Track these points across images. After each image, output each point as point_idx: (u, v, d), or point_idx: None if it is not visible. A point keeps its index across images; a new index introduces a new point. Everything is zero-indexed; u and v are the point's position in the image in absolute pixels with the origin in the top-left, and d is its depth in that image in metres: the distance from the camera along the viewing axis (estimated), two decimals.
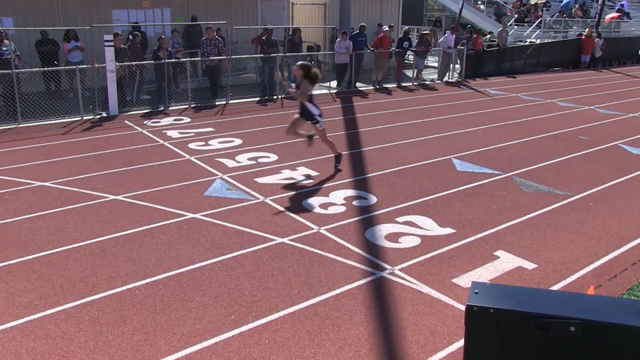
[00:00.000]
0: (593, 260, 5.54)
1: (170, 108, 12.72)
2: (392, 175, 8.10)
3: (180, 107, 12.89)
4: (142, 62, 13.02)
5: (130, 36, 13.32)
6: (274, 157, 8.91)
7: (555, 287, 4.99)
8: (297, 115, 8.17)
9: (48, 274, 5.06)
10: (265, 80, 14.54)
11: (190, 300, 4.66)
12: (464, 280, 5.06)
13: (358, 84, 16.44)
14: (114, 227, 6.10)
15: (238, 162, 8.59)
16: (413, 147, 9.68)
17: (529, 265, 5.38)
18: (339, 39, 15.61)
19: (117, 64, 11.72)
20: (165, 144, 9.62)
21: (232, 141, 9.87)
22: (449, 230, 6.18)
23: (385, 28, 17.49)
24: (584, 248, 5.82)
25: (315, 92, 8.21)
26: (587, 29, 23.52)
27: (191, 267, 5.24)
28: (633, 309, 2.88)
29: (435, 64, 20.37)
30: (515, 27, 25.00)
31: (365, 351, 4.04)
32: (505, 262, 5.43)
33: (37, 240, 5.75)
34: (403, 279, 5.10)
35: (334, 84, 15.91)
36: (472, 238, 5.99)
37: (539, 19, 26.02)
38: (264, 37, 14.69)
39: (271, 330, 4.26)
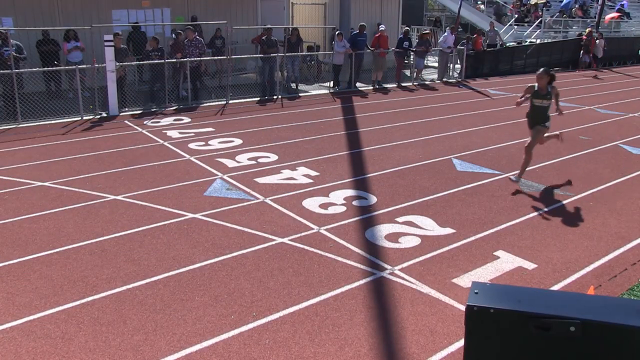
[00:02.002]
0: (593, 260, 5.54)
1: (170, 108, 12.71)
2: (392, 175, 8.10)
3: (180, 107, 12.88)
4: (142, 62, 13.01)
5: (173, 34, 13.30)
6: (274, 157, 8.90)
7: (555, 287, 4.99)
8: None
9: (48, 274, 5.06)
10: (265, 80, 14.54)
11: (190, 300, 4.66)
12: (464, 280, 5.06)
13: (358, 84, 16.43)
14: (114, 227, 6.10)
15: (238, 162, 8.59)
16: (413, 147, 9.68)
17: (529, 265, 5.38)
18: (335, 40, 15.61)
19: (117, 64, 11.72)
20: (165, 144, 9.62)
21: (232, 141, 9.87)
22: (449, 230, 6.18)
23: (382, 27, 17.47)
24: (584, 248, 5.82)
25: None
26: (587, 29, 23.53)
27: (191, 267, 5.24)
28: (633, 309, 2.88)
29: (435, 64, 20.36)
30: (515, 27, 25.00)
31: (366, 351, 4.04)
32: (505, 262, 5.43)
33: (37, 240, 5.75)
34: (403, 279, 5.10)
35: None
36: (472, 238, 5.99)
37: (539, 19, 26.03)
38: (263, 37, 14.67)
39: (271, 330, 4.26)
